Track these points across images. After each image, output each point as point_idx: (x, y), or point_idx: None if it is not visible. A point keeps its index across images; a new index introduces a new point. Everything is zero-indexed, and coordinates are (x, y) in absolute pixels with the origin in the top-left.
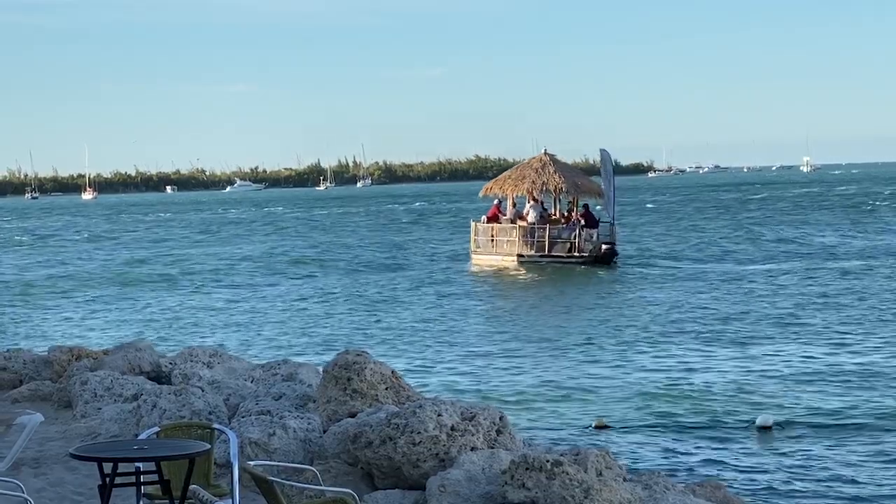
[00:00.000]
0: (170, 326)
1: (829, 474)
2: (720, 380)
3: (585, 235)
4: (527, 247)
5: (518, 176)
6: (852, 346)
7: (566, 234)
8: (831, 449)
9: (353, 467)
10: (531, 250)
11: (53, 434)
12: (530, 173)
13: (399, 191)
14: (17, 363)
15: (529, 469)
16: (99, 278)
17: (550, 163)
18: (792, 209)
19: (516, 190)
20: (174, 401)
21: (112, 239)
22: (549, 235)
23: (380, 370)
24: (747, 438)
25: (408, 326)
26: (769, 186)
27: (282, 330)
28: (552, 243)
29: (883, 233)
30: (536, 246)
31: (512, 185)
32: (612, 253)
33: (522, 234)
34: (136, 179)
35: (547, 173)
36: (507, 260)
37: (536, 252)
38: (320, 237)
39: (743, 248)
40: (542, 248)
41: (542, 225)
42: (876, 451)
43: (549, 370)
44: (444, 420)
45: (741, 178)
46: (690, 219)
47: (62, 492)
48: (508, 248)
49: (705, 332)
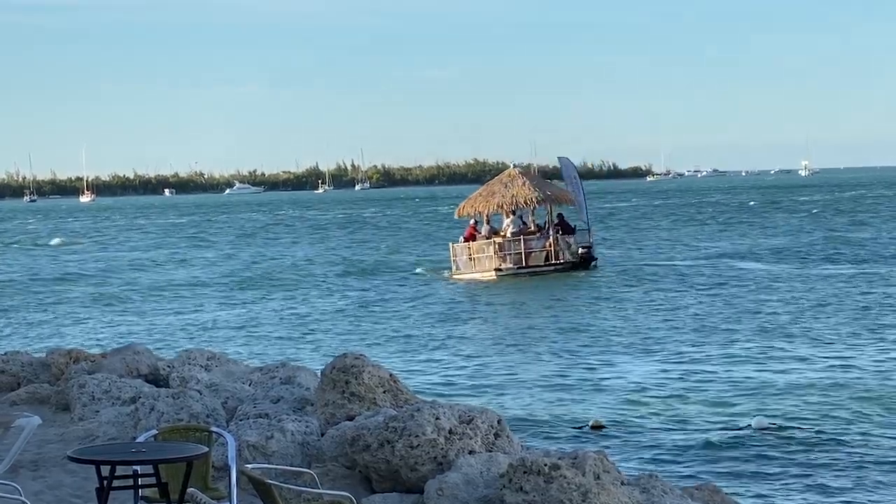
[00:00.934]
0: (171, 334)
1: (826, 476)
2: (716, 382)
3: (562, 243)
4: (504, 260)
5: (488, 192)
6: (849, 349)
7: (540, 244)
8: (829, 451)
9: (351, 470)
10: (509, 263)
11: (51, 437)
12: (500, 188)
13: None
14: (15, 365)
15: (527, 473)
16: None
17: (519, 176)
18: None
19: (487, 206)
20: (172, 404)
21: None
22: (525, 247)
23: (378, 373)
24: (744, 440)
25: (384, 335)
26: (762, 191)
27: (266, 335)
28: (528, 254)
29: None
30: (513, 258)
31: (483, 203)
32: (589, 258)
33: (498, 248)
34: (135, 182)
35: (516, 186)
36: (486, 275)
37: (514, 264)
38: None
39: (725, 248)
40: (518, 259)
41: (518, 238)
42: (874, 453)
43: (542, 373)
44: (441, 423)
45: (738, 181)
46: (681, 222)
47: (60, 494)
48: (487, 264)
49: (697, 334)
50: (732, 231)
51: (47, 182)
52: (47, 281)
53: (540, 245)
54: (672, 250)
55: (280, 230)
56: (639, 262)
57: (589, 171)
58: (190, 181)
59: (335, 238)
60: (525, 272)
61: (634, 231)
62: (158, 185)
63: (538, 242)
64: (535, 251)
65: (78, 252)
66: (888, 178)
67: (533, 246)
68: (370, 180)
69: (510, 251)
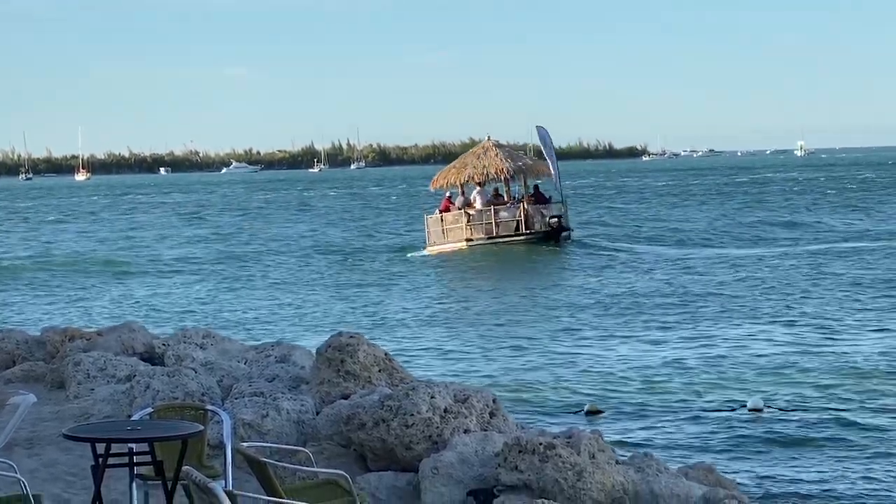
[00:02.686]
0: (165, 311)
1: (821, 457)
2: (710, 362)
3: (533, 211)
4: (475, 231)
5: (461, 164)
6: (845, 329)
7: (511, 214)
8: (824, 431)
9: (347, 449)
10: (480, 234)
11: (46, 414)
12: (472, 160)
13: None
14: (10, 343)
15: (522, 451)
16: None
17: (493, 147)
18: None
19: (459, 178)
20: (167, 382)
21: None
22: (496, 217)
23: (373, 352)
24: (739, 421)
25: (351, 312)
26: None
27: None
28: (498, 224)
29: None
30: (484, 229)
31: (455, 174)
32: (560, 228)
33: (468, 219)
34: (130, 161)
35: (489, 158)
36: (458, 245)
37: (485, 234)
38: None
39: (704, 229)
40: (489, 230)
41: (489, 208)
42: (869, 434)
43: (534, 355)
44: (437, 402)
45: (734, 161)
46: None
47: (55, 472)
48: (459, 235)
49: (687, 313)
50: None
51: (43, 160)
52: (42, 261)
53: (511, 215)
54: (654, 228)
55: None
56: (617, 238)
57: (585, 151)
58: (185, 160)
59: (317, 217)
60: (495, 242)
61: (615, 210)
62: (154, 163)
63: (509, 212)
64: (504, 221)
65: (69, 230)
66: (884, 157)
67: (503, 216)
68: (366, 159)
69: (481, 221)
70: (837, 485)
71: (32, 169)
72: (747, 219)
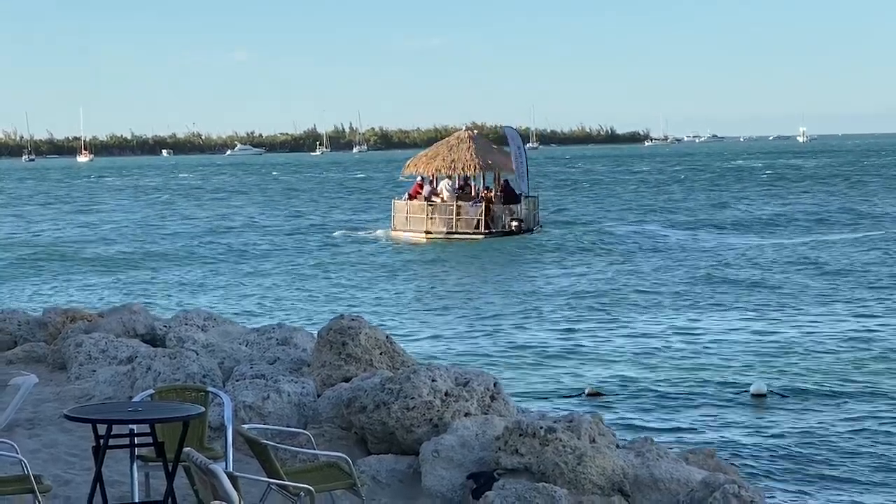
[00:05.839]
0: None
1: (823, 441)
2: (713, 347)
3: (498, 210)
4: (436, 224)
5: (433, 154)
6: (847, 312)
7: (472, 212)
8: (826, 416)
9: (347, 432)
10: (440, 227)
11: (48, 395)
12: (444, 151)
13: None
14: (11, 324)
15: (523, 435)
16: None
17: (467, 139)
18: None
19: (428, 168)
20: (169, 364)
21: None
22: (458, 212)
23: (374, 335)
24: (741, 406)
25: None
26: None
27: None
28: (459, 220)
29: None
30: (444, 222)
31: (425, 164)
32: (520, 230)
33: (431, 211)
34: (132, 143)
35: (461, 151)
36: (417, 237)
37: (445, 228)
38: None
39: (693, 216)
40: (449, 224)
41: (452, 203)
42: (873, 419)
43: (533, 338)
44: (438, 386)
45: (738, 147)
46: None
47: (56, 453)
48: (419, 226)
49: (689, 299)
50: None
51: (45, 142)
52: (45, 244)
53: (475, 212)
54: (636, 215)
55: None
56: (606, 227)
57: (587, 136)
58: (188, 142)
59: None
60: (452, 238)
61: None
62: (156, 145)
63: (473, 209)
64: (466, 218)
65: (75, 213)
66: (885, 144)
67: (467, 212)
68: (367, 143)
69: (442, 215)
70: (840, 469)
71: (35, 150)
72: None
